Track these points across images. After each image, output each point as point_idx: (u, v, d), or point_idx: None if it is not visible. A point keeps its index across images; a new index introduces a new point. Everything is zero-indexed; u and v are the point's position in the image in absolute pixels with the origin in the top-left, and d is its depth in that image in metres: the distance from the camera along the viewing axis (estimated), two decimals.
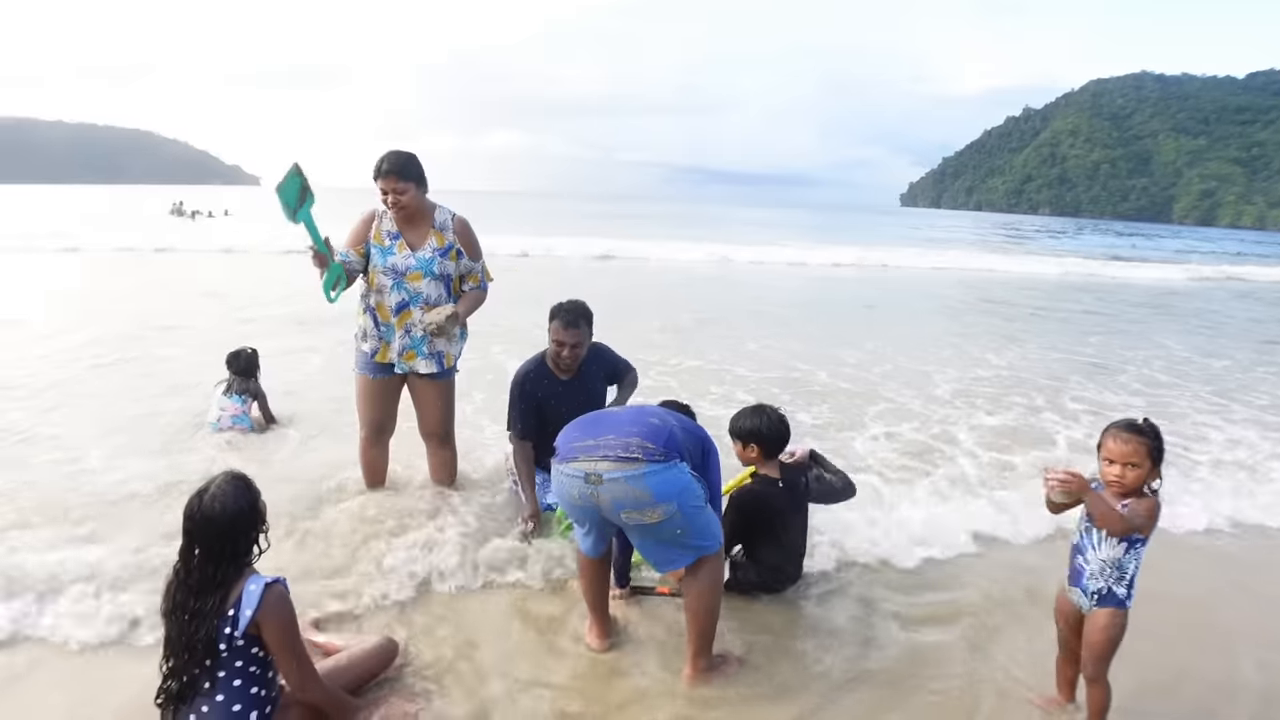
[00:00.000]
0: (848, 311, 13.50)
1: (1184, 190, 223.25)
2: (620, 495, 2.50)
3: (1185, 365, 9.04)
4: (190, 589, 2.15)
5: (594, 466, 2.51)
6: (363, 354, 3.83)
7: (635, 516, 2.53)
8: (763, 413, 3.39)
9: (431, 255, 3.70)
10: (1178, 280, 22.57)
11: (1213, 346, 10.53)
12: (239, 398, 5.21)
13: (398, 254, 3.67)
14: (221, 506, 2.18)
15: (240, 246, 18.61)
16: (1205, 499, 4.64)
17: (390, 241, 3.69)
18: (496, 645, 2.93)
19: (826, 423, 5.91)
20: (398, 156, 3.61)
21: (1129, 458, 2.38)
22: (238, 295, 11.45)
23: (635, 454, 2.49)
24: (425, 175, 3.69)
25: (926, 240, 35.37)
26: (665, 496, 2.50)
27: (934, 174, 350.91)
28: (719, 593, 2.70)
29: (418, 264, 3.68)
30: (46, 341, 7.65)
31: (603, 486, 2.50)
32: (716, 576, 2.70)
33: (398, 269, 3.67)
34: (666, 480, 2.50)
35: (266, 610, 2.14)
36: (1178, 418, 6.48)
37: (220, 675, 2.14)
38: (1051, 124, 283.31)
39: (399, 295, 3.70)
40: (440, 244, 3.73)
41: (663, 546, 2.62)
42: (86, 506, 3.83)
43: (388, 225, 3.71)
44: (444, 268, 3.73)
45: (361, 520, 3.68)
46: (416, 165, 3.64)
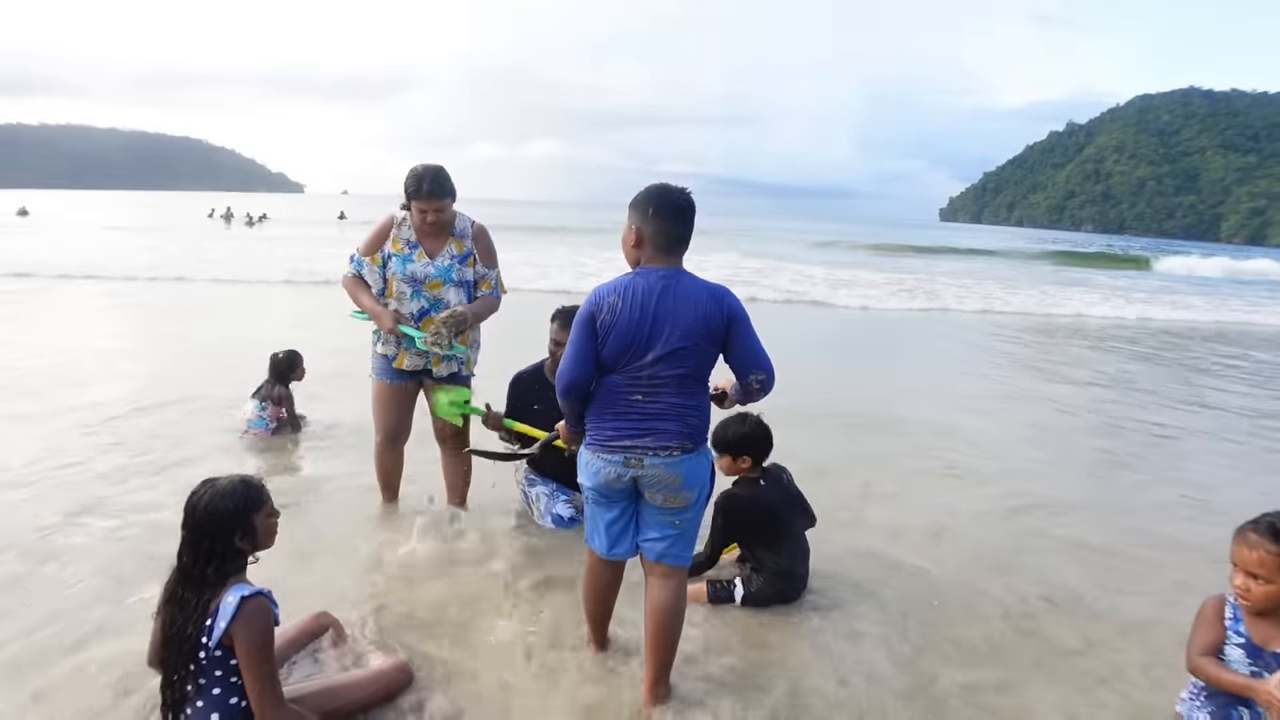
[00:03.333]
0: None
1: (1232, 208, 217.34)
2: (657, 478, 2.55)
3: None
4: (178, 579, 2.24)
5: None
6: (380, 359, 3.90)
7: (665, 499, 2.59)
8: (746, 419, 3.43)
9: (450, 263, 3.78)
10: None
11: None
12: (260, 403, 5.39)
13: (416, 262, 3.74)
14: (208, 504, 2.24)
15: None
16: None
17: (409, 250, 3.76)
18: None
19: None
20: (435, 177, 3.64)
21: (1256, 567, 2.11)
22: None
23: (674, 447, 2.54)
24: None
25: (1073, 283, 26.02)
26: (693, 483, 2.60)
27: (974, 189, 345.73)
28: (682, 614, 2.68)
29: (437, 272, 3.76)
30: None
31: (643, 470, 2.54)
32: (682, 595, 2.68)
33: (416, 277, 3.74)
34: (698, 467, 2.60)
35: (239, 622, 2.16)
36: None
37: (201, 683, 2.20)
38: (1096, 139, 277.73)
39: (419, 303, 3.78)
40: (459, 251, 3.81)
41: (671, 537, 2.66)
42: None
43: (406, 233, 3.77)
44: (462, 274, 3.81)
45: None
46: (450, 180, 3.71)
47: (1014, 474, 5.49)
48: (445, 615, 3.21)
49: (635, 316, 2.48)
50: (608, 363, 2.56)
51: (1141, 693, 2.91)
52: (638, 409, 2.54)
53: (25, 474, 4.49)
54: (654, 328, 2.48)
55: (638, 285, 2.51)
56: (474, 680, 2.79)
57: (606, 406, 2.59)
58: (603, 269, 18.59)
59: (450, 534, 3.92)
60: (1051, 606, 3.57)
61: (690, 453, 2.57)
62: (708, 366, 2.58)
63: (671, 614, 2.64)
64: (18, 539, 3.66)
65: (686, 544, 2.69)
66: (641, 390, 2.53)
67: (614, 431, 2.57)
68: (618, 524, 2.69)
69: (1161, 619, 3.42)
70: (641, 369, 2.52)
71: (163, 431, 5.40)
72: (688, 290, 2.51)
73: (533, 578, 3.56)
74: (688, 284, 2.53)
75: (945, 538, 4.28)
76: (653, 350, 2.49)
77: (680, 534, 2.66)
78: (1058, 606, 3.57)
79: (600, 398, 2.61)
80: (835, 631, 3.24)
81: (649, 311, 2.48)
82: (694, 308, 2.49)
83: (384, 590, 3.38)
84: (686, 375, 2.53)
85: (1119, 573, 3.97)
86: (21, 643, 2.86)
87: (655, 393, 2.52)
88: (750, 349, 2.56)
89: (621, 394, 2.55)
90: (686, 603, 2.72)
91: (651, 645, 2.66)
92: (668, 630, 2.64)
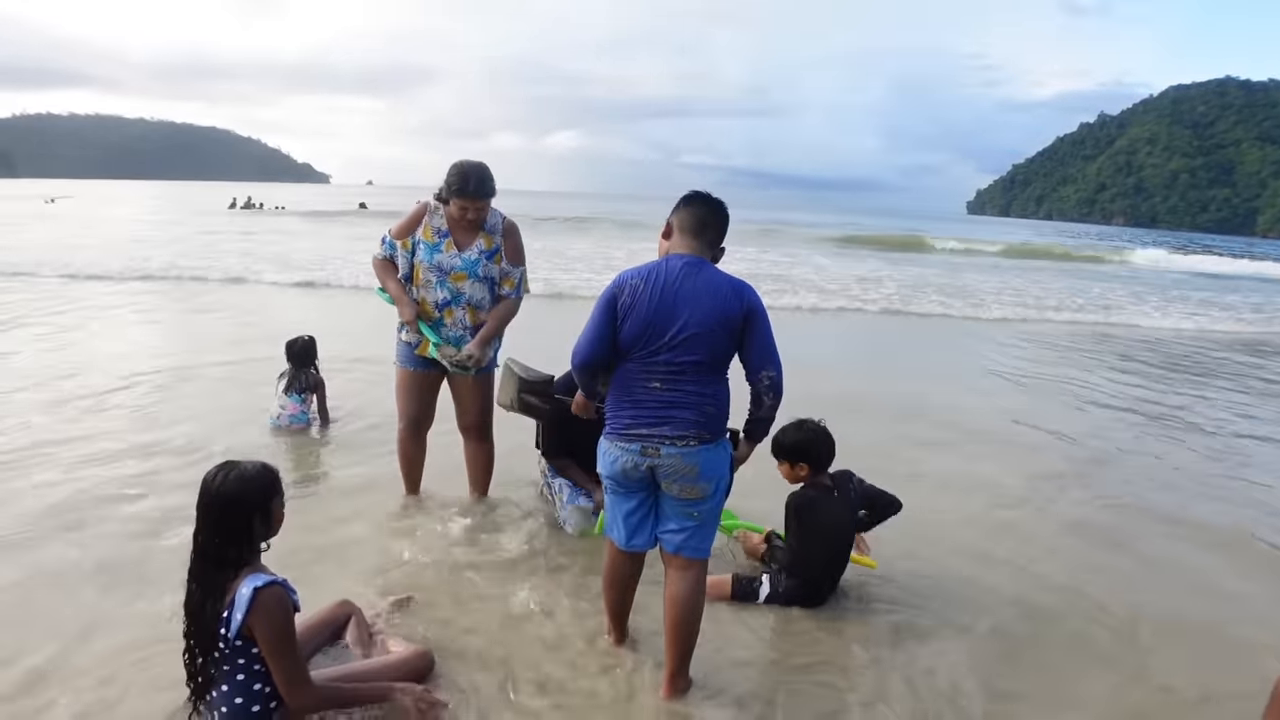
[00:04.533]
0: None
1: (1269, 202, 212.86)
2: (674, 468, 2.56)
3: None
4: (197, 560, 2.26)
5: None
6: (404, 346, 3.91)
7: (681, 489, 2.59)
8: (805, 427, 3.38)
9: (477, 257, 3.78)
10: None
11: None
12: (298, 396, 5.36)
13: (445, 252, 3.75)
14: (232, 484, 2.25)
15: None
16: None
17: (439, 239, 3.76)
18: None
19: None
20: (481, 177, 3.64)
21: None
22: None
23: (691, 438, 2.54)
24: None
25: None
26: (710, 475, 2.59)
27: (1003, 181, 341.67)
28: (700, 607, 2.67)
29: (463, 265, 3.76)
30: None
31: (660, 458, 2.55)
32: (700, 588, 2.68)
33: (443, 267, 3.75)
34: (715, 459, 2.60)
35: (255, 613, 2.18)
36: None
37: (225, 669, 2.24)
38: (1128, 131, 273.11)
39: (443, 293, 3.78)
40: (488, 246, 3.81)
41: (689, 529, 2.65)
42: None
43: (438, 222, 3.78)
44: (488, 270, 3.81)
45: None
46: (493, 179, 3.71)
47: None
48: (466, 605, 3.22)
49: (655, 299, 2.52)
50: (625, 345, 2.58)
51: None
52: (655, 396, 2.55)
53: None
54: (672, 311, 2.51)
55: (660, 269, 2.56)
56: (493, 669, 2.79)
57: (624, 394, 2.61)
58: (632, 259, 18.56)
59: (471, 524, 3.92)
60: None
61: (707, 443, 2.57)
62: (724, 356, 2.58)
63: (690, 606, 2.64)
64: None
65: (705, 536, 2.68)
66: (659, 377, 2.55)
67: (631, 419, 2.59)
68: (636, 514, 2.70)
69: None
70: (658, 353, 2.54)
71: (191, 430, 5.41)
72: (709, 279, 2.54)
73: (553, 568, 3.57)
74: (710, 273, 2.57)
75: (951, 535, 4.21)
76: (669, 333, 2.51)
77: (699, 526, 2.66)
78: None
79: (618, 384, 2.64)
80: (874, 628, 3.22)
81: (669, 295, 2.52)
82: (713, 296, 2.51)
83: (405, 580, 3.39)
84: (702, 362, 2.53)
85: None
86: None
87: (673, 380, 2.53)
88: (765, 346, 2.57)
89: (639, 380, 2.57)
90: (705, 595, 2.72)
91: (670, 637, 2.66)
92: (686, 623, 2.64)
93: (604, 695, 2.70)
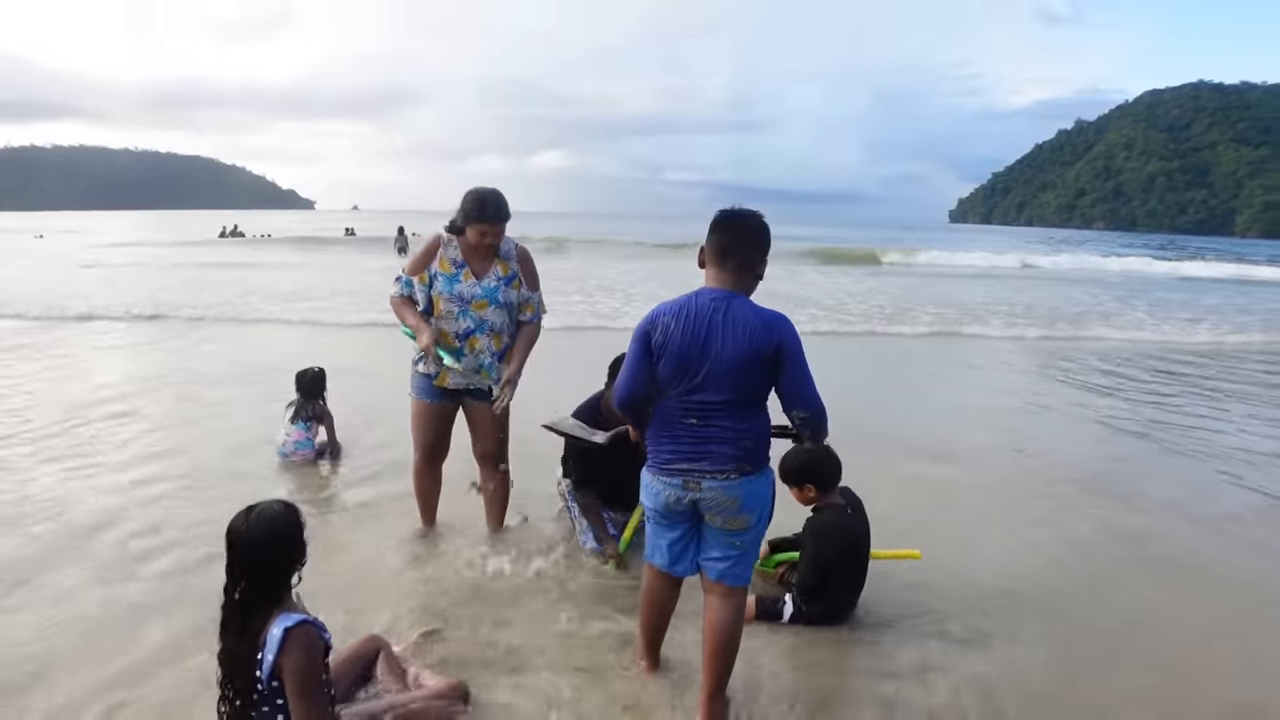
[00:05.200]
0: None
1: (1246, 202, 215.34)
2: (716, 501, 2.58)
3: None
4: (230, 608, 2.27)
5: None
6: (420, 377, 3.93)
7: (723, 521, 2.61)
8: (806, 447, 3.42)
9: (496, 284, 3.83)
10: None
11: None
12: (304, 424, 5.39)
13: (464, 282, 3.79)
14: (261, 529, 2.26)
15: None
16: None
17: (456, 270, 3.80)
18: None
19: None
20: (499, 201, 3.71)
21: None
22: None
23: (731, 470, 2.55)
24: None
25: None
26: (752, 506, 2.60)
27: (984, 190, 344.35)
28: (739, 634, 2.69)
29: (483, 293, 3.80)
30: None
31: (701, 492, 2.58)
32: (739, 616, 2.69)
33: (464, 297, 3.78)
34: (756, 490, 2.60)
35: (285, 654, 2.20)
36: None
37: (264, 710, 2.25)
38: (1105, 136, 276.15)
39: (465, 322, 3.81)
40: (505, 273, 3.86)
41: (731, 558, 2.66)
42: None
43: (453, 253, 3.82)
44: (508, 296, 3.86)
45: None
46: (508, 203, 3.77)
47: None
48: (496, 636, 3.23)
49: (687, 339, 2.52)
50: (662, 384, 2.60)
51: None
52: (692, 432, 2.57)
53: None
54: (703, 350, 2.50)
55: (690, 306, 2.55)
56: (528, 696, 2.82)
57: (663, 429, 2.63)
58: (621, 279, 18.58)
59: (492, 552, 3.95)
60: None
61: (749, 475, 2.57)
62: (759, 391, 2.56)
63: (729, 633, 2.66)
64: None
65: (747, 564, 2.70)
66: (695, 414, 2.56)
67: (670, 455, 2.61)
68: (679, 543, 2.73)
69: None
70: (692, 392, 2.54)
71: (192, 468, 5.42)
72: (738, 314, 2.51)
73: (580, 594, 3.60)
74: (739, 307, 2.53)
75: (986, 548, 4.26)
76: (701, 373, 2.51)
77: (742, 555, 2.67)
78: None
79: (657, 419, 2.65)
80: (896, 648, 3.25)
81: (700, 334, 2.51)
82: (743, 331, 2.48)
83: (430, 611, 3.41)
84: (733, 401, 2.52)
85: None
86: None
87: (707, 416, 2.54)
88: (797, 383, 2.51)
89: (676, 417, 2.59)
90: (742, 619, 2.73)
91: (708, 662, 2.67)
92: (725, 648, 2.66)
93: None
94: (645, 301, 13.87)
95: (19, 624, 3.23)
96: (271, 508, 2.34)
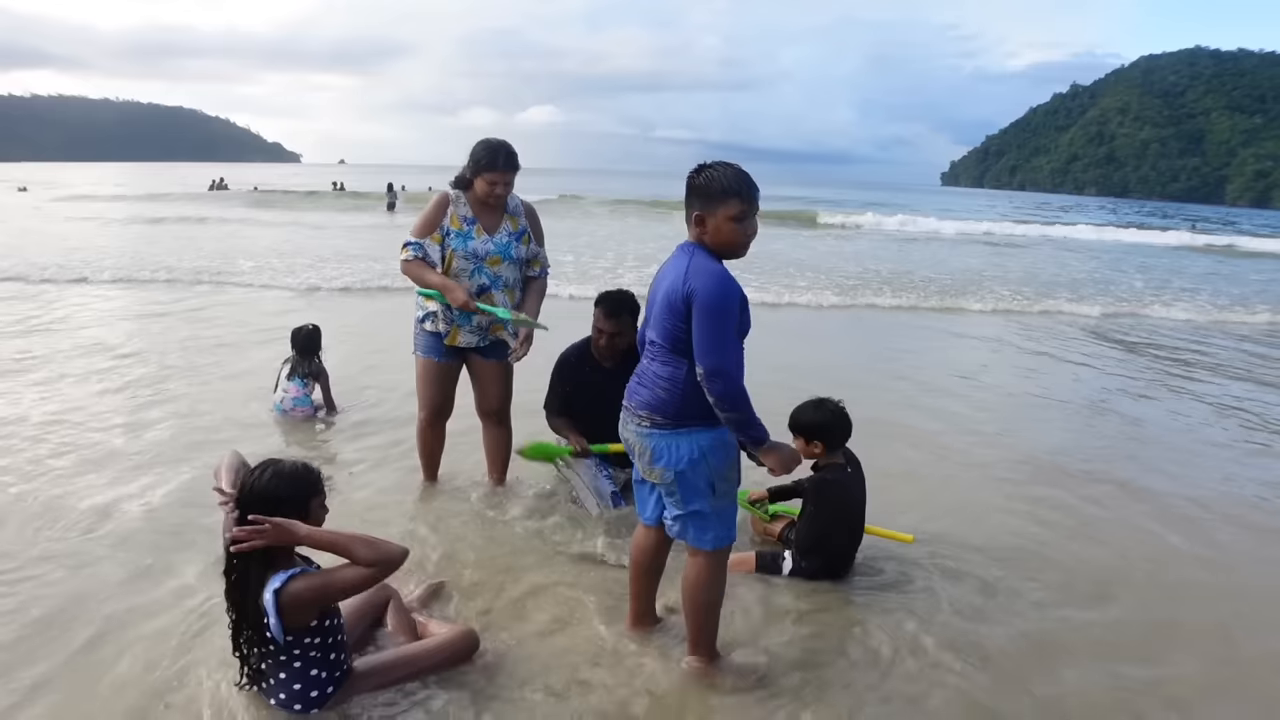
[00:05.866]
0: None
1: (1238, 170, 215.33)
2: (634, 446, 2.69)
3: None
4: (231, 560, 2.32)
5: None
6: (428, 336, 3.93)
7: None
8: (824, 406, 3.48)
9: (508, 240, 3.84)
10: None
11: None
12: (300, 380, 5.40)
13: (477, 239, 3.78)
14: (268, 481, 2.32)
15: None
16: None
17: (468, 226, 3.79)
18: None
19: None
20: (509, 150, 3.73)
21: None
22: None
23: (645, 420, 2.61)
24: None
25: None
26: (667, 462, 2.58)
27: (976, 152, 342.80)
28: (705, 594, 2.70)
29: (496, 248, 3.81)
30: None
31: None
32: (703, 578, 2.68)
33: (478, 253, 3.78)
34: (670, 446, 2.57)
35: (289, 614, 2.26)
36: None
37: (281, 659, 2.34)
38: (1100, 101, 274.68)
39: (480, 279, 3.81)
40: (515, 228, 3.87)
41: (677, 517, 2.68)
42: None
43: (463, 210, 3.80)
44: (519, 251, 3.88)
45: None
46: (517, 154, 3.78)
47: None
48: (502, 587, 3.30)
49: (654, 281, 2.68)
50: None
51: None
52: (639, 370, 2.70)
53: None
54: (654, 290, 2.63)
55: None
56: (532, 646, 2.88)
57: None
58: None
59: (494, 507, 4.02)
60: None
61: (660, 428, 2.57)
62: (679, 341, 2.49)
63: (688, 594, 2.72)
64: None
65: (700, 528, 2.64)
66: (645, 353, 2.69)
67: (628, 390, 2.73)
68: (643, 486, 2.80)
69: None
70: (644, 327, 2.71)
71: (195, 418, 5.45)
72: (678, 261, 2.55)
73: (577, 548, 3.65)
74: (680, 254, 2.57)
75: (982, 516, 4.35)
76: (650, 312, 2.64)
77: (686, 516, 2.63)
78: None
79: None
80: (887, 608, 3.33)
81: (656, 279, 2.65)
82: (671, 276, 2.53)
83: (435, 564, 3.47)
84: (656, 343, 2.58)
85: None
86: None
87: (647, 358, 2.66)
88: (699, 336, 2.41)
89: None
90: (709, 589, 2.71)
91: (685, 618, 2.79)
92: (689, 604, 2.74)
93: (636, 675, 2.77)
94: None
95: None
96: (286, 466, 2.38)
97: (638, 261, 15.38)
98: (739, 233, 2.51)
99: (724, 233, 2.49)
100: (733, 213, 2.47)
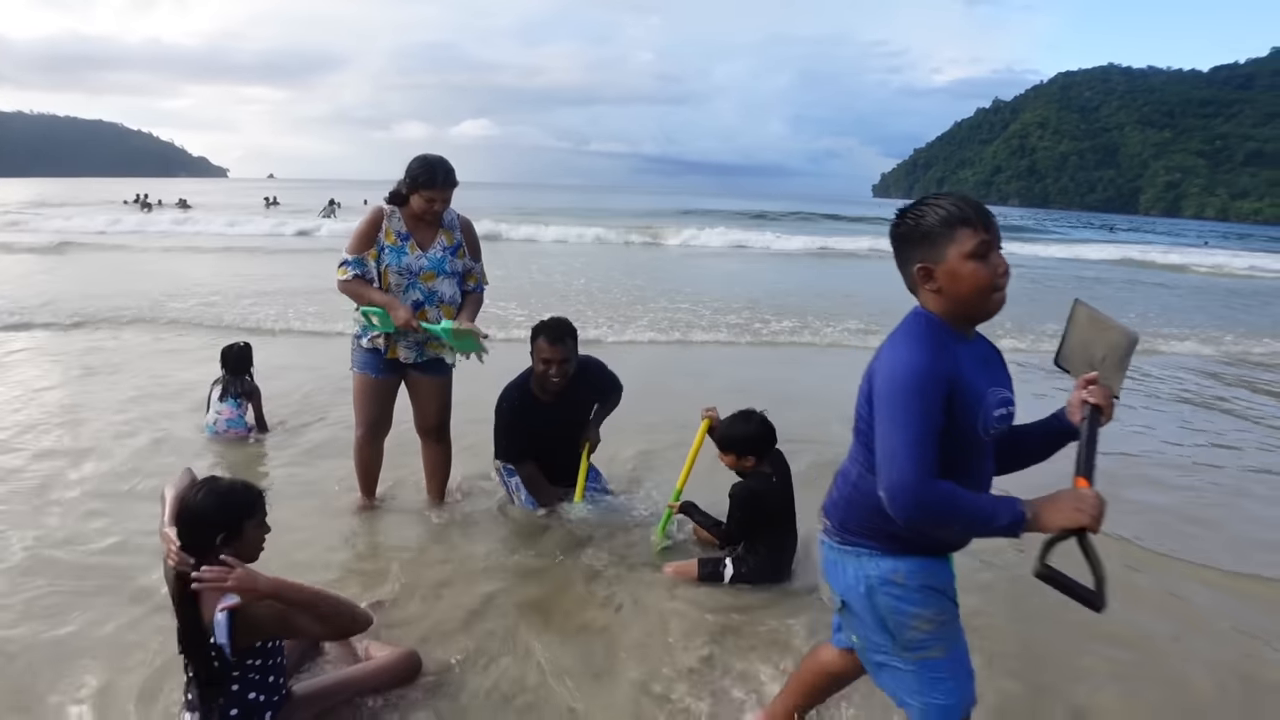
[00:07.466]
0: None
1: (1149, 182, 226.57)
2: None
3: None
4: (173, 580, 2.23)
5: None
6: (365, 353, 3.87)
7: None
8: (752, 419, 3.52)
9: (442, 254, 3.80)
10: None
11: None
12: (234, 401, 5.24)
13: (410, 254, 3.74)
14: (201, 498, 2.26)
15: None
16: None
17: (401, 242, 3.75)
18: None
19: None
20: (448, 168, 3.68)
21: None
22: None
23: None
24: None
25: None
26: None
27: (905, 165, 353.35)
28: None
29: (430, 263, 3.77)
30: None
31: None
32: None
33: (412, 269, 3.74)
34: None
35: (243, 634, 2.19)
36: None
37: (234, 675, 2.24)
38: (1021, 116, 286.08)
39: (415, 295, 3.77)
40: (449, 242, 3.84)
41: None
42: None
43: (397, 225, 3.76)
44: (454, 265, 3.84)
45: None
46: (454, 171, 3.74)
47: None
48: (443, 604, 3.26)
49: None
50: None
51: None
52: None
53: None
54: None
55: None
56: (476, 666, 2.85)
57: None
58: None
59: (435, 524, 3.98)
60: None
61: (829, 536, 2.04)
62: (861, 432, 1.92)
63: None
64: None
65: (897, 682, 2.00)
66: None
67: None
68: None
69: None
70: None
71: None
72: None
73: (524, 560, 3.64)
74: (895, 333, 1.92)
75: None
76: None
77: (873, 666, 2.07)
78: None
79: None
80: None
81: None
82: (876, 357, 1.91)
83: (379, 583, 3.41)
84: (855, 439, 1.97)
85: None
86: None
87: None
88: (878, 439, 1.77)
89: None
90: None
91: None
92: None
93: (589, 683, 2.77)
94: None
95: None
96: (223, 484, 2.33)
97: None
98: (983, 275, 1.77)
99: (964, 278, 1.77)
100: (968, 248, 1.76)
